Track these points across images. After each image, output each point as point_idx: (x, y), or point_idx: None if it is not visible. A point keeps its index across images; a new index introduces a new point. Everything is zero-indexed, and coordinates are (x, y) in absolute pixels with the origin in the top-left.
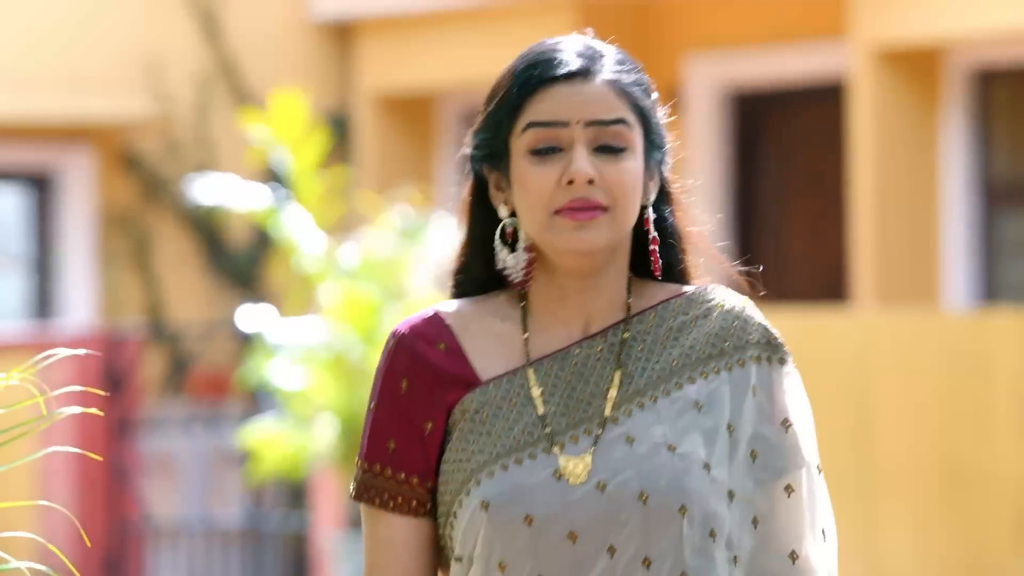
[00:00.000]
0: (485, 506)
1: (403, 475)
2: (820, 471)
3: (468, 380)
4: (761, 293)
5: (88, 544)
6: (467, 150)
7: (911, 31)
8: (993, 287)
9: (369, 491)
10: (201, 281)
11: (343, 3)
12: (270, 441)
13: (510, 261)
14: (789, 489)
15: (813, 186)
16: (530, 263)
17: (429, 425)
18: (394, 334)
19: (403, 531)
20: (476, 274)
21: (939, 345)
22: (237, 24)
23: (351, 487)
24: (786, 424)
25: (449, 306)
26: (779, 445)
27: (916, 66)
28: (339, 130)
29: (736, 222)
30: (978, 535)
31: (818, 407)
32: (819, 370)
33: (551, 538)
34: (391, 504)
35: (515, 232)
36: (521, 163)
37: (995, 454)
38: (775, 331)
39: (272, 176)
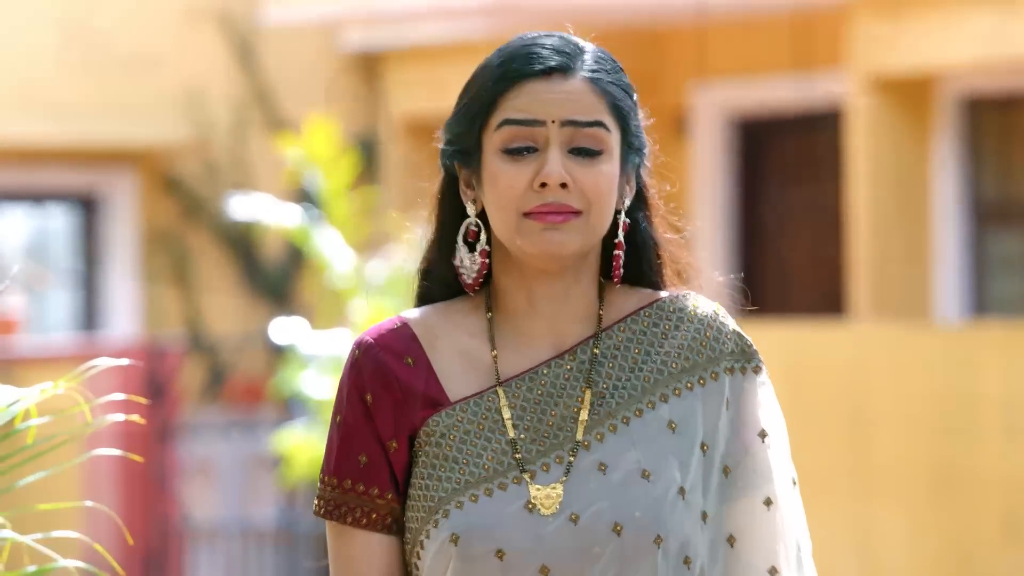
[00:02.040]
0: (455, 540)
1: (376, 490)
2: (796, 484)
3: (437, 400)
4: (748, 307)
5: (131, 543)
6: (438, 144)
7: (905, 62)
8: (982, 302)
9: (339, 508)
10: (237, 295)
11: (371, 35)
12: (302, 446)
13: (467, 262)
14: (768, 503)
15: (812, 207)
16: (481, 269)
17: (393, 444)
18: (359, 344)
19: (377, 549)
20: (443, 275)
21: (931, 356)
22: (272, 54)
23: (316, 504)
24: (763, 436)
25: (416, 315)
26: (755, 458)
27: (909, 94)
28: (367, 153)
29: (740, 240)
30: (967, 534)
31: (816, 413)
32: (818, 379)
33: (523, 573)
34: (364, 521)
35: (478, 233)
36: (493, 161)
37: (983, 458)
38: (748, 339)
39: (305, 196)
